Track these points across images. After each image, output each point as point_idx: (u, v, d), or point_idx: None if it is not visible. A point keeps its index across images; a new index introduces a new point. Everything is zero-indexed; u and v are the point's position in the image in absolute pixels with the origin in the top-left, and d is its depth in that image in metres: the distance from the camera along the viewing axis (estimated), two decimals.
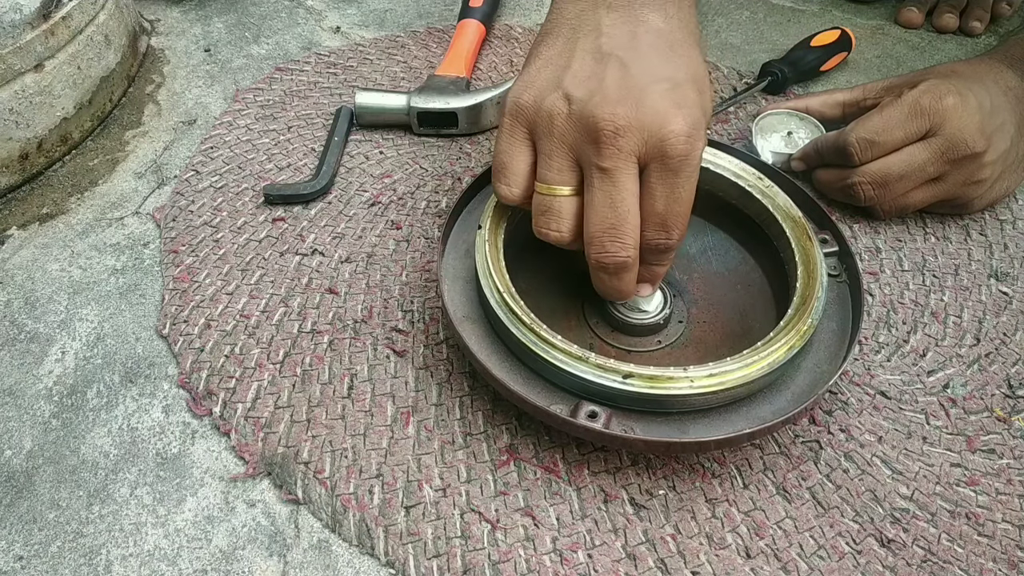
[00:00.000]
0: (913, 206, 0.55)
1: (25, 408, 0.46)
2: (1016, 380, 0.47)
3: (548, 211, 0.40)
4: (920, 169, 0.52)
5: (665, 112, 0.37)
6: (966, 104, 0.51)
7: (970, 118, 0.50)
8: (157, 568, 0.39)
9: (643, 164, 0.38)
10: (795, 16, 0.82)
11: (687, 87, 0.38)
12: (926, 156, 0.52)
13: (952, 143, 0.51)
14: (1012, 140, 0.53)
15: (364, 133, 0.65)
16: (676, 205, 0.39)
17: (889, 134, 0.52)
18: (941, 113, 0.51)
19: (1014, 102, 0.53)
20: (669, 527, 0.40)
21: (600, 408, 0.40)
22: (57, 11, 0.59)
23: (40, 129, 0.60)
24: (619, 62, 0.38)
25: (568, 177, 0.40)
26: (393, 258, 0.54)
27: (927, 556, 0.39)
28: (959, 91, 0.51)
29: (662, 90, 0.38)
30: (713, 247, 0.53)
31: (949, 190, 0.54)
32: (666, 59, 0.39)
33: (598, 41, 0.40)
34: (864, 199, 0.55)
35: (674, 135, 0.37)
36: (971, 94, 0.51)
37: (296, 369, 0.47)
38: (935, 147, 0.51)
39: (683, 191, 0.38)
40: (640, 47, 0.39)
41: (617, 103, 0.37)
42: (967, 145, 0.51)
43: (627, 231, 0.39)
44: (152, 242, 0.56)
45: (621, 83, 0.38)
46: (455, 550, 0.39)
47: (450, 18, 0.80)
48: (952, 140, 0.51)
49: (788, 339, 0.41)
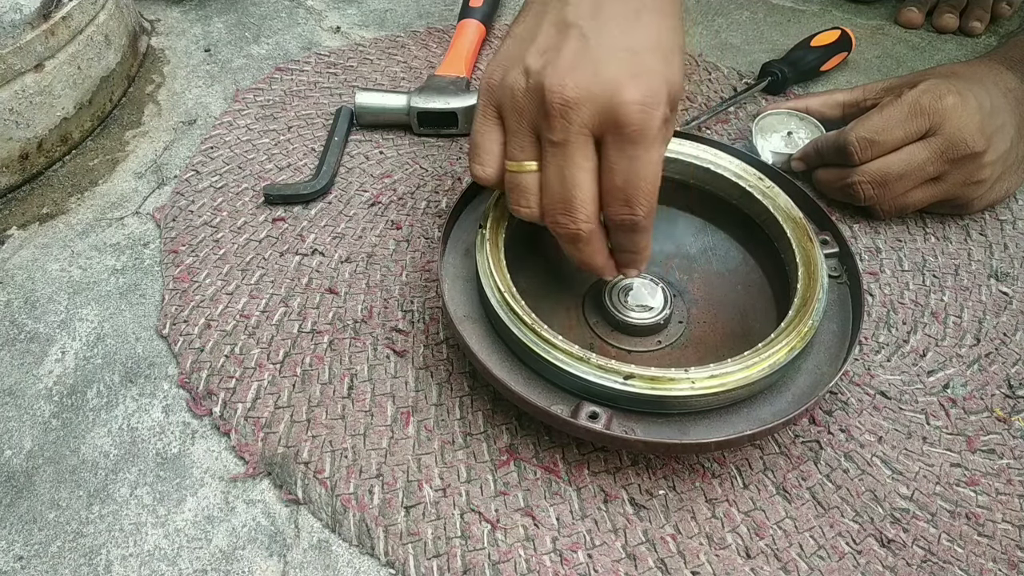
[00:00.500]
0: (913, 206, 0.55)
1: (25, 408, 0.46)
2: (1016, 380, 0.47)
3: (517, 188, 0.40)
4: (920, 168, 0.52)
5: (617, 80, 0.35)
6: (966, 104, 0.51)
7: (970, 118, 0.50)
8: (157, 568, 0.39)
9: (598, 136, 0.37)
10: (795, 16, 0.82)
11: (647, 55, 0.37)
12: (926, 155, 0.52)
13: (952, 143, 0.51)
14: (1012, 141, 0.53)
15: (364, 133, 0.65)
16: (637, 179, 0.37)
17: (889, 133, 0.52)
18: (941, 113, 0.51)
19: (1014, 104, 0.53)
20: (669, 527, 0.40)
21: (601, 409, 0.40)
22: (57, 11, 0.59)
23: (40, 129, 0.60)
24: (579, 32, 0.37)
25: (531, 153, 0.39)
26: (393, 258, 0.54)
27: (927, 556, 0.39)
28: (959, 91, 0.51)
29: (619, 59, 0.36)
30: (713, 247, 0.53)
31: (949, 190, 0.54)
32: (630, 27, 0.38)
33: (563, 12, 0.39)
34: (864, 198, 0.55)
35: (627, 104, 0.35)
36: (971, 94, 0.51)
37: (296, 369, 0.47)
38: (935, 146, 0.51)
39: (643, 164, 0.37)
40: (603, 16, 0.38)
41: (567, 74, 0.36)
42: (967, 145, 0.51)
43: (577, 205, 0.38)
44: (152, 242, 0.56)
45: (577, 53, 0.37)
46: (455, 550, 0.39)
47: (450, 18, 0.80)
48: (952, 140, 0.51)
49: (789, 340, 0.41)
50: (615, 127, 0.36)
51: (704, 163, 0.51)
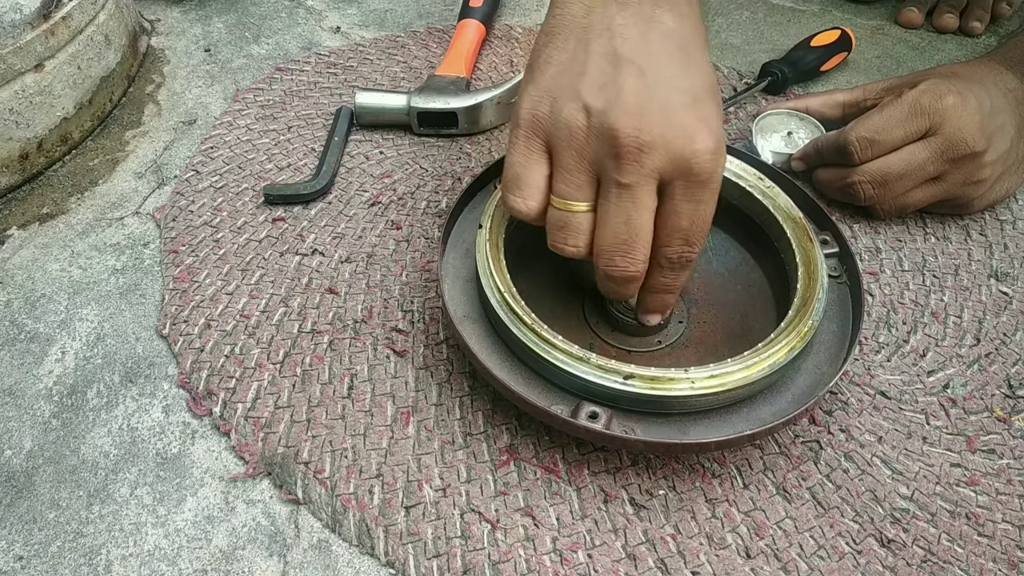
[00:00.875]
0: (913, 206, 0.55)
1: (25, 408, 0.46)
2: (1016, 380, 0.47)
3: (566, 227, 0.39)
4: (920, 168, 0.52)
5: (692, 129, 0.36)
6: (966, 104, 0.51)
7: (970, 118, 0.51)
8: (157, 568, 0.39)
9: (665, 180, 0.37)
10: (795, 16, 0.82)
11: (707, 100, 0.37)
12: (926, 155, 0.52)
13: (952, 142, 0.51)
14: (1012, 141, 0.53)
15: (364, 133, 0.65)
16: (700, 221, 0.38)
17: (889, 133, 0.52)
18: (941, 112, 0.51)
19: (1014, 104, 0.53)
20: (669, 527, 0.40)
21: (601, 409, 0.40)
22: (57, 11, 0.59)
23: (40, 129, 0.60)
24: (636, 69, 0.37)
25: (587, 193, 0.39)
26: (393, 258, 0.54)
27: (927, 556, 0.39)
28: (959, 91, 0.51)
29: (684, 104, 0.37)
30: (713, 247, 0.53)
31: (949, 190, 0.54)
32: (683, 67, 0.38)
33: (612, 43, 0.38)
34: (864, 198, 0.55)
35: (701, 154, 0.36)
36: (971, 94, 0.51)
37: (296, 369, 0.47)
38: (935, 146, 0.51)
39: (707, 207, 0.38)
40: (654, 51, 0.38)
41: (639, 116, 0.36)
42: (967, 144, 0.51)
43: (638, 247, 0.38)
44: (152, 242, 0.56)
45: (640, 93, 0.36)
46: (455, 550, 0.39)
47: (450, 18, 0.80)
48: (952, 139, 0.51)
49: (789, 340, 0.41)
50: (687, 174, 0.37)
51: None
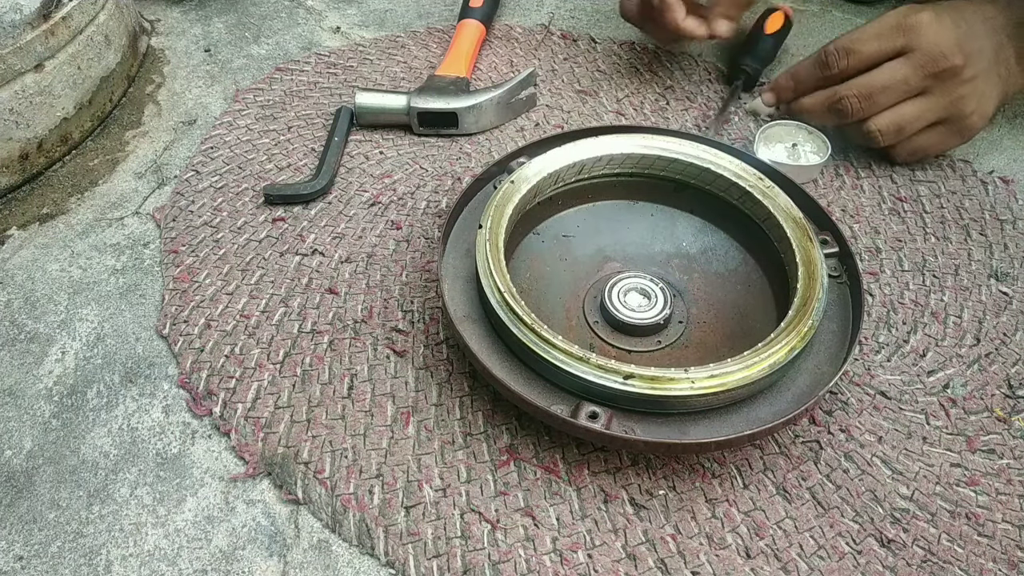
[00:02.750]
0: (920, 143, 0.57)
1: (25, 408, 0.46)
2: (1016, 380, 0.47)
3: None
4: (903, 81, 0.54)
5: None
6: (941, 21, 0.53)
7: (946, 33, 0.53)
8: (157, 568, 0.39)
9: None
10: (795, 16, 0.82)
11: None
12: (907, 69, 0.54)
13: (930, 56, 0.53)
14: (989, 61, 0.55)
15: (364, 133, 0.65)
16: None
17: (865, 44, 0.55)
18: (916, 28, 0.53)
19: (991, 31, 0.55)
20: (669, 527, 0.40)
21: (601, 409, 0.40)
22: (57, 11, 0.59)
23: (40, 129, 0.60)
24: None
25: None
26: (393, 258, 0.54)
27: (927, 556, 0.39)
28: (935, 11, 0.53)
29: None
30: (713, 247, 0.53)
31: (939, 105, 0.55)
32: None
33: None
34: (851, 112, 0.56)
35: None
36: (946, 15, 0.54)
37: (296, 369, 0.47)
38: (914, 60, 0.54)
39: None
40: None
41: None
42: (945, 58, 0.53)
43: None
44: (152, 242, 0.56)
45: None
46: (455, 550, 0.39)
47: (450, 18, 0.80)
48: (929, 53, 0.53)
49: (789, 340, 0.41)
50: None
51: (704, 163, 0.51)
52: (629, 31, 0.77)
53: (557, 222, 0.54)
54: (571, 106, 0.68)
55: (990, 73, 0.55)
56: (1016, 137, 0.65)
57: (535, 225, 0.53)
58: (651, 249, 0.53)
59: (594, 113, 0.67)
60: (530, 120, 0.66)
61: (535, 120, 0.66)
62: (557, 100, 0.68)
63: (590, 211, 0.54)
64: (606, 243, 0.53)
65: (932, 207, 0.58)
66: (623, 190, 0.54)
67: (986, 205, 0.58)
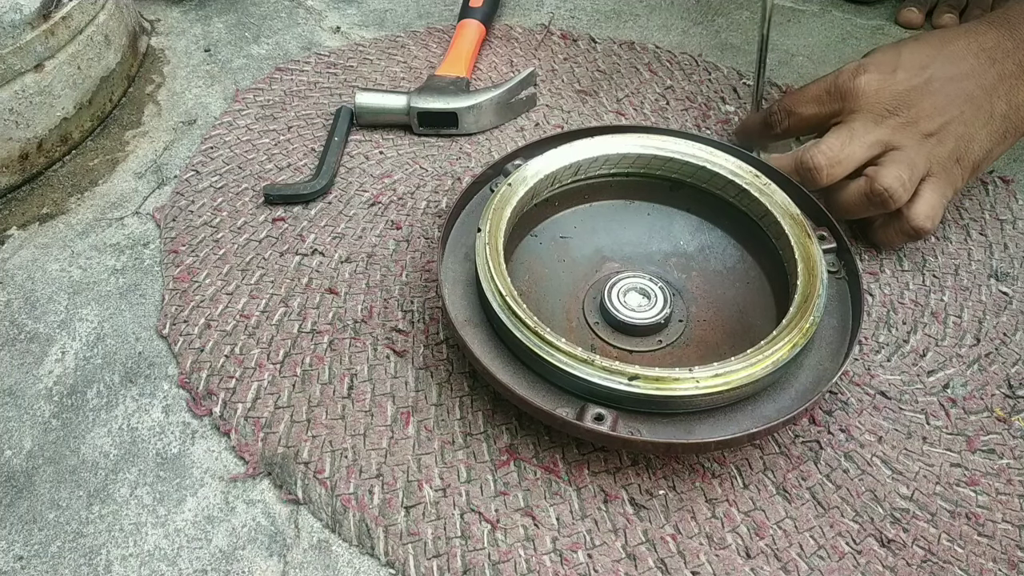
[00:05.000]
0: (912, 175, 0.51)
1: (25, 408, 0.46)
2: (1016, 380, 0.47)
3: None
4: (858, 139, 0.51)
5: None
6: (885, 80, 0.51)
7: (888, 92, 0.51)
8: (157, 568, 0.39)
9: None
10: (795, 16, 0.82)
11: None
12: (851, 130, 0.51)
13: (872, 116, 0.51)
14: (971, 104, 0.51)
15: (364, 133, 0.65)
16: None
17: (804, 106, 0.54)
18: (853, 92, 0.51)
19: (987, 63, 0.52)
20: (669, 527, 0.40)
21: (606, 410, 0.40)
22: (57, 11, 0.59)
23: (40, 129, 0.60)
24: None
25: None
26: (393, 258, 0.54)
27: (927, 556, 0.39)
28: (888, 65, 0.51)
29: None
30: (711, 245, 0.53)
31: (919, 155, 0.51)
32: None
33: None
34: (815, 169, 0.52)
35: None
36: (900, 69, 0.51)
37: (296, 369, 0.47)
38: (857, 121, 0.51)
39: None
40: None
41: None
42: (889, 115, 0.51)
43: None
44: (152, 242, 0.56)
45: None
46: (455, 550, 0.39)
47: (450, 18, 0.80)
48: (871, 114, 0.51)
49: (791, 337, 0.41)
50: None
51: (700, 161, 0.51)
52: (629, 31, 0.77)
53: (554, 223, 0.54)
54: (571, 106, 0.68)
55: (976, 113, 0.51)
56: None
57: (533, 227, 0.53)
58: (649, 248, 0.53)
59: (594, 113, 0.67)
60: (530, 120, 0.66)
61: (535, 120, 0.66)
62: (557, 100, 0.68)
63: (587, 212, 0.54)
64: (604, 243, 0.53)
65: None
66: (619, 190, 0.54)
67: (986, 205, 0.58)
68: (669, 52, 0.74)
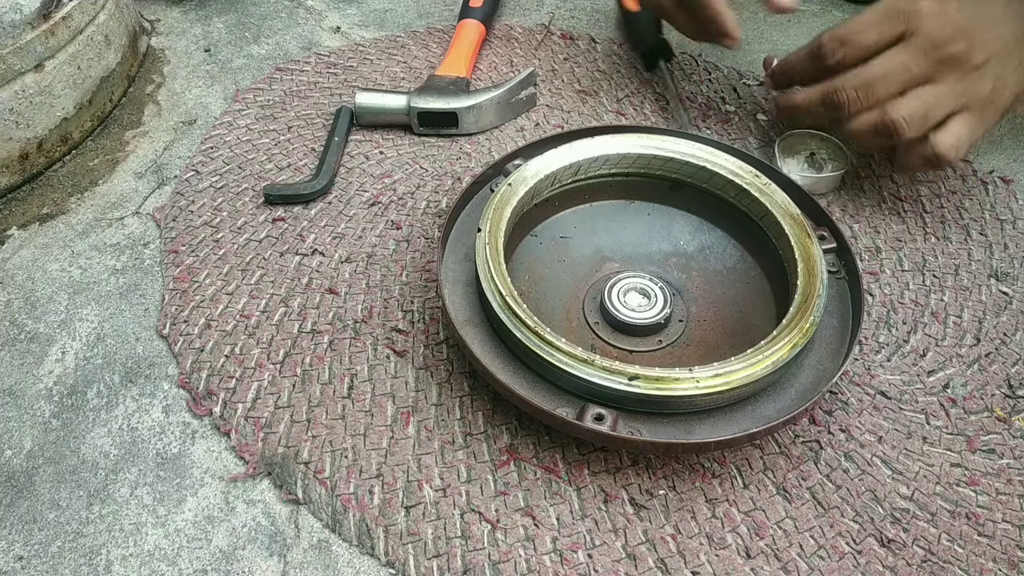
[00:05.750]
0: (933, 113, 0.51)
1: (25, 408, 0.46)
2: (1016, 380, 0.47)
3: None
4: (902, 68, 0.50)
5: None
6: (944, 7, 0.50)
7: (949, 18, 0.50)
8: (157, 568, 0.39)
9: None
10: (795, 16, 0.82)
11: None
12: (906, 55, 0.50)
13: (932, 42, 0.50)
14: (1008, 47, 0.51)
15: (364, 133, 0.65)
16: None
17: (862, 34, 0.51)
18: (916, 15, 0.50)
19: (1013, 16, 0.51)
20: (669, 527, 0.40)
21: (606, 410, 0.40)
22: (57, 11, 0.59)
23: (40, 129, 0.60)
24: None
25: None
26: (393, 258, 0.54)
27: (927, 556, 0.39)
28: None
29: None
30: (711, 245, 0.53)
31: (952, 92, 0.51)
32: None
33: None
34: (849, 104, 0.52)
35: None
36: (952, 1, 0.50)
37: (296, 369, 0.47)
38: (914, 46, 0.50)
39: None
40: None
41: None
42: (948, 43, 0.49)
43: None
44: (152, 242, 0.56)
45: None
46: (455, 550, 0.39)
47: (450, 18, 0.80)
48: (931, 38, 0.50)
49: (791, 337, 0.41)
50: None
51: (700, 161, 0.51)
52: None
53: (554, 223, 0.54)
54: (571, 106, 0.68)
55: (1008, 58, 0.51)
56: (1016, 137, 0.65)
57: (532, 227, 0.53)
58: (649, 248, 0.53)
59: (594, 113, 0.67)
60: (530, 120, 0.66)
61: (535, 120, 0.66)
62: (557, 100, 0.68)
63: (587, 212, 0.54)
64: (604, 243, 0.53)
65: (932, 207, 0.58)
66: (619, 190, 0.54)
67: (986, 205, 0.58)
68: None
